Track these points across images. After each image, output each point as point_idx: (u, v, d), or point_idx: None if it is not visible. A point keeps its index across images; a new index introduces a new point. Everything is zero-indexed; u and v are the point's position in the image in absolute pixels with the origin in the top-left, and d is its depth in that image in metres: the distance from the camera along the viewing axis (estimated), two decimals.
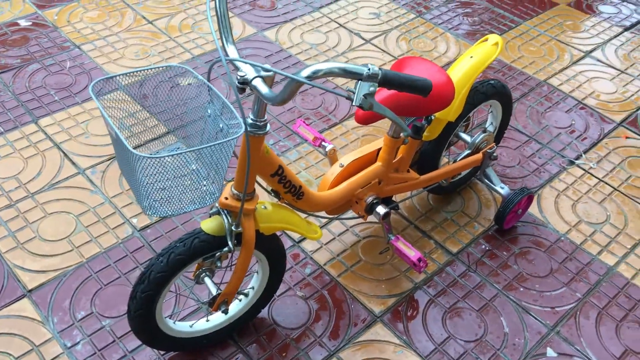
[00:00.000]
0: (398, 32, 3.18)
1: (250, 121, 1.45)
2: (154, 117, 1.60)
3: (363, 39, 3.12)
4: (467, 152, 2.21)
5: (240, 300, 1.86)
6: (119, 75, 1.45)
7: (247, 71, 1.39)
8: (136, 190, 1.36)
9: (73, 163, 2.38)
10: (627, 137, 2.68)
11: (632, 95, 2.90)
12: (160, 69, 1.51)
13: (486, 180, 2.24)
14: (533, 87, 2.91)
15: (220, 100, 1.41)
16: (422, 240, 2.21)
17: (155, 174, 1.29)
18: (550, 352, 1.92)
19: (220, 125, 1.42)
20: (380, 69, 1.25)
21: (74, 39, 2.95)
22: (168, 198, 1.35)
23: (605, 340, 1.96)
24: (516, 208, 2.19)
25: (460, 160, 2.18)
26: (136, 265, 2.06)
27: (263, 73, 1.38)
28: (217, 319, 1.84)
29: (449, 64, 2.99)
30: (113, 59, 2.86)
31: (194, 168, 1.40)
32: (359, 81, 1.24)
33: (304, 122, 2.12)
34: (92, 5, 3.17)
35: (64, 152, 2.41)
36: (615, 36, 3.28)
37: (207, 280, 1.71)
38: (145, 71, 1.50)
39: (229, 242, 1.56)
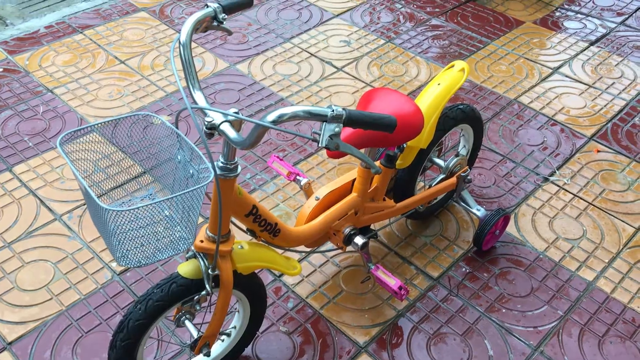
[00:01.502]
0: (369, 58, 3.22)
1: (220, 164, 1.46)
2: (129, 158, 1.60)
3: (335, 67, 3.15)
4: (441, 176, 2.23)
5: (222, 341, 1.85)
6: (87, 127, 1.45)
7: (215, 116, 1.40)
8: (108, 240, 1.36)
9: (49, 209, 2.37)
10: (598, 151, 2.73)
11: (601, 109, 2.95)
12: (130, 118, 1.51)
13: (462, 203, 2.27)
14: (504, 106, 2.95)
15: (189, 147, 1.41)
16: (402, 267, 2.22)
17: (126, 225, 1.29)
18: None
19: (191, 171, 1.42)
20: (344, 109, 1.27)
21: (46, 83, 2.96)
22: (141, 247, 1.35)
23: (589, 357, 1.97)
24: (493, 229, 2.21)
25: (435, 185, 2.20)
26: (117, 311, 2.04)
27: (230, 117, 1.39)
28: None
29: (420, 87, 3.03)
30: (86, 101, 2.87)
31: (167, 214, 1.41)
32: (324, 122, 1.26)
33: (277, 157, 2.13)
34: (63, 49, 3.18)
35: (39, 199, 2.40)
36: (582, 51, 3.34)
37: (187, 323, 1.70)
38: (115, 120, 1.49)
39: (207, 286, 1.55)
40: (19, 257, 2.19)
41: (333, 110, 1.25)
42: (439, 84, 2.04)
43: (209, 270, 1.54)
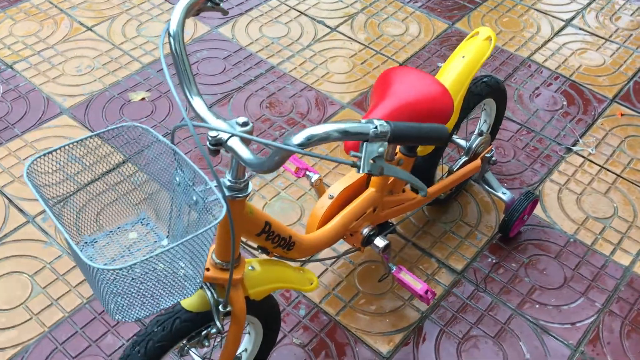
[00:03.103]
0: (365, 15, 2.92)
1: (228, 183, 1.20)
2: (113, 173, 1.32)
3: (328, 27, 2.84)
4: (464, 159, 1.99)
5: None
6: (59, 148, 1.17)
7: (221, 126, 1.13)
8: (97, 293, 1.10)
9: (20, 210, 2.08)
10: (622, 114, 2.50)
11: (620, 66, 2.72)
12: (114, 131, 1.23)
13: (486, 186, 2.04)
14: (517, 66, 2.69)
15: (190, 169, 1.15)
16: (422, 260, 2.01)
17: (121, 282, 1.03)
18: None
19: (194, 198, 1.16)
20: (388, 123, 1.01)
21: (4, 58, 2.61)
22: (141, 298, 1.09)
23: (634, 356, 1.80)
24: (522, 215, 1.99)
25: (458, 170, 1.96)
26: (107, 329, 1.80)
27: (239, 130, 1.12)
28: None
29: (424, 47, 2.75)
30: (52, 77, 2.53)
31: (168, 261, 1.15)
32: (365, 142, 1.00)
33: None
34: (21, 15, 2.81)
35: (7, 198, 2.11)
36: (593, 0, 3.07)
37: (192, 353, 1.48)
38: (92, 138, 1.21)
39: (217, 323, 1.32)
40: None
41: (376, 127, 0.99)
42: (463, 57, 1.78)
43: (220, 307, 1.30)
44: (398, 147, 1.74)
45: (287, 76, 2.59)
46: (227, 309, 1.30)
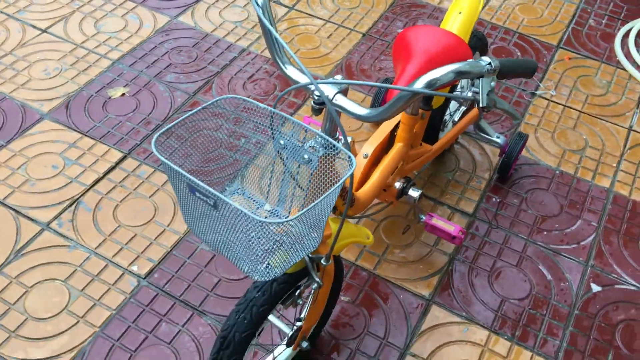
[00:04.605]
0: None
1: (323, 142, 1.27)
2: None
3: (286, 6, 2.91)
4: (462, 109, 2.15)
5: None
6: (177, 122, 1.19)
7: (324, 88, 1.20)
8: (243, 257, 1.15)
9: (31, 219, 2.02)
10: (569, 58, 2.77)
11: (557, 16, 2.98)
12: (212, 104, 1.26)
13: (481, 133, 2.21)
14: None
15: (298, 127, 1.20)
16: (435, 209, 2.16)
17: (277, 235, 1.08)
18: (595, 287, 1.98)
19: (306, 157, 1.22)
20: (496, 59, 1.13)
21: None
22: (285, 253, 1.15)
23: (635, 260, 2.04)
24: (518, 154, 2.18)
25: (461, 119, 2.11)
26: (160, 318, 1.81)
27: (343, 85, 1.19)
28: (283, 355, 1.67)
29: (382, 16, 2.88)
30: (21, 83, 2.43)
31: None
32: (481, 78, 1.12)
33: (309, 117, 1.93)
34: None
35: (13, 210, 2.04)
36: None
37: (273, 319, 1.54)
38: (197, 113, 1.23)
39: (316, 278, 1.39)
40: (19, 282, 1.86)
41: (490, 64, 1.11)
42: (460, 13, 1.92)
43: (322, 261, 1.36)
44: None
45: (261, 57, 2.63)
46: (329, 263, 1.37)
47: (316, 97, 1.19)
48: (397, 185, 1.85)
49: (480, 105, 1.12)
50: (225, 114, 1.29)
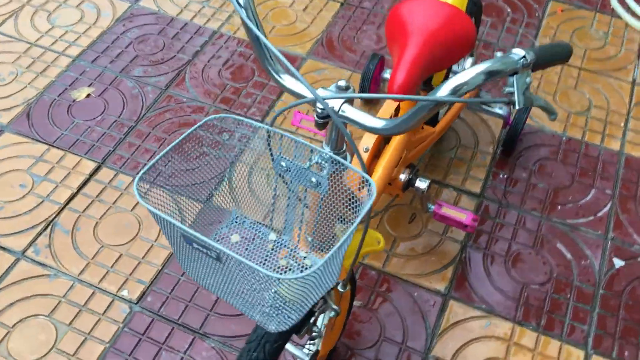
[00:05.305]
0: None
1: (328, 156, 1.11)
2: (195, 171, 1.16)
3: None
4: None
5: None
6: (156, 160, 1.02)
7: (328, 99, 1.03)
8: (254, 307, 0.99)
9: (3, 248, 1.83)
10: (562, 10, 2.60)
11: None
12: (203, 126, 1.08)
13: (483, 105, 2.05)
14: None
15: (303, 148, 1.04)
16: (440, 192, 2.01)
17: (292, 289, 0.93)
18: (617, 262, 1.86)
19: (314, 180, 1.06)
20: (530, 50, 0.96)
21: None
22: (302, 298, 0.99)
23: None
24: (524, 124, 2.04)
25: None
26: (159, 347, 1.66)
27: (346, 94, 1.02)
28: None
29: None
30: None
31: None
32: (515, 76, 0.95)
33: (300, 112, 1.75)
34: None
35: None
36: None
37: (290, 347, 1.40)
38: (189, 134, 1.05)
39: (332, 305, 1.24)
40: None
41: (524, 58, 0.94)
42: None
43: (339, 287, 1.22)
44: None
45: (234, 39, 2.43)
46: (346, 289, 1.23)
47: (319, 111, 1.02)
48: (403, 177, 1.70)
49: (517, 107, 0.95)
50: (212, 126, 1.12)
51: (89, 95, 2.23)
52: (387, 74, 2.13)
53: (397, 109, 1.70)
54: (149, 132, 2.12)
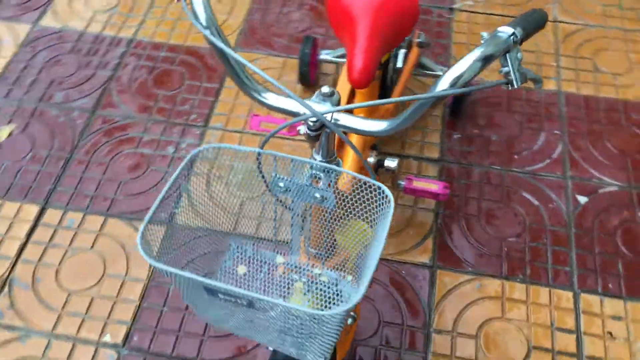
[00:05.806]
0: None
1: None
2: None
3: None
4: (403, 51, 1.96)
5: None
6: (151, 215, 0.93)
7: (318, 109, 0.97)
8: (287, 342, 0.94)
9: None
10: None
11: None
12: (184, 166, 0.99)
13: (425, 70, 2.04)
14: None
15: (298, 164, 0.98)
16: (402, 163, 2.00)
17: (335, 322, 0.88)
18: (581, 198, 1.92)
19: (318, 195, 1.00)
20: (517, 25, 0.94)
21: None
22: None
23: (607, 159, 2.00)
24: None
25: (406, 61, 1.93)
26: None
27: (331, 100, 0.97)
28: None
29: None
30: None
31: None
32: (507, 54, 0.93)
33: (257, 115, 1.67)
34: None
35: None
36: None
37: None
38: (178, 175, 0.97)
39: (352, 313, 1.21)
40: None
41: (514, 34, 0.91)
42: None
43: None
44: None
45: (153, 44, 2.29)
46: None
47: (311, 124, 0.96)
48: (371, 160, 1.67)
49: (516, 87, 0.93)
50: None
51: (10, 134, 2.06)
52: (323, 56, 2.07)
53: (352, 92, 1.66)
54: (89, 160, 1.98)
